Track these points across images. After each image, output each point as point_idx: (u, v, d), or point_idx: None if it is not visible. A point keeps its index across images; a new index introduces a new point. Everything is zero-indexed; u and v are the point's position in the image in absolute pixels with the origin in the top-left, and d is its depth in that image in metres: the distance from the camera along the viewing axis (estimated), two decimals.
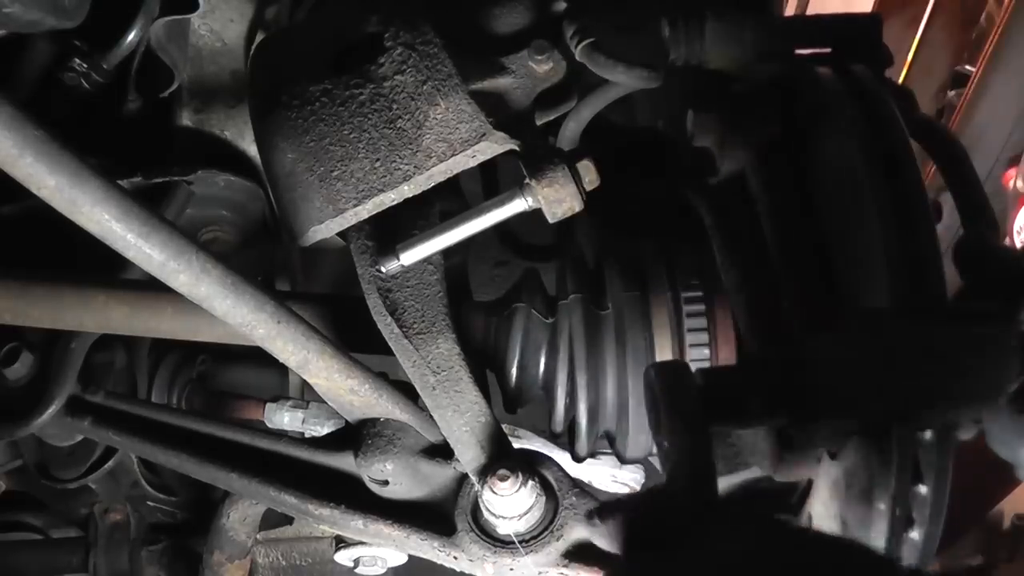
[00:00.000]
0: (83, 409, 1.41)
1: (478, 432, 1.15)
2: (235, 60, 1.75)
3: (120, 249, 0.84)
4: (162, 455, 1.35)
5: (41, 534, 1.81)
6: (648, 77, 1.13)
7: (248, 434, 1.32)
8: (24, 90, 1.53)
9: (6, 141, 0.73)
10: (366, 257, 1.20)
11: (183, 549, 1.75)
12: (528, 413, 1.40)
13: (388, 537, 1.21)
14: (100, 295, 1.27)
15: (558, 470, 1.18)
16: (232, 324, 0.96)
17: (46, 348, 1.42)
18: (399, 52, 1.15)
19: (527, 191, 1.10)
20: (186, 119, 1.78)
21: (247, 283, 0.94)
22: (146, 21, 1.52)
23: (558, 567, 1.14)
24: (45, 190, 0.77)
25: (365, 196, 1.13)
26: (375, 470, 1.20)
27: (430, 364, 1.16)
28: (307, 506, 1.24)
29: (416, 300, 1.19)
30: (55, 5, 1.11)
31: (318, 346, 1.04)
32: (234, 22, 1.72)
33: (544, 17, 1.22)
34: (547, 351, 1.25)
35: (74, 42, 1.53)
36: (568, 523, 1.14)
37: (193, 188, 1.66)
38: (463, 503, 1.19)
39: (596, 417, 1.24)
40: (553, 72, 1.18)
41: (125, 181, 1.55)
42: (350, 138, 1.14)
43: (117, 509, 1.74)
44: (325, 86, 1.17)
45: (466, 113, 1.12)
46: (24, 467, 1.64)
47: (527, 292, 1.28)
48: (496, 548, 1.14)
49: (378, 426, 1.21)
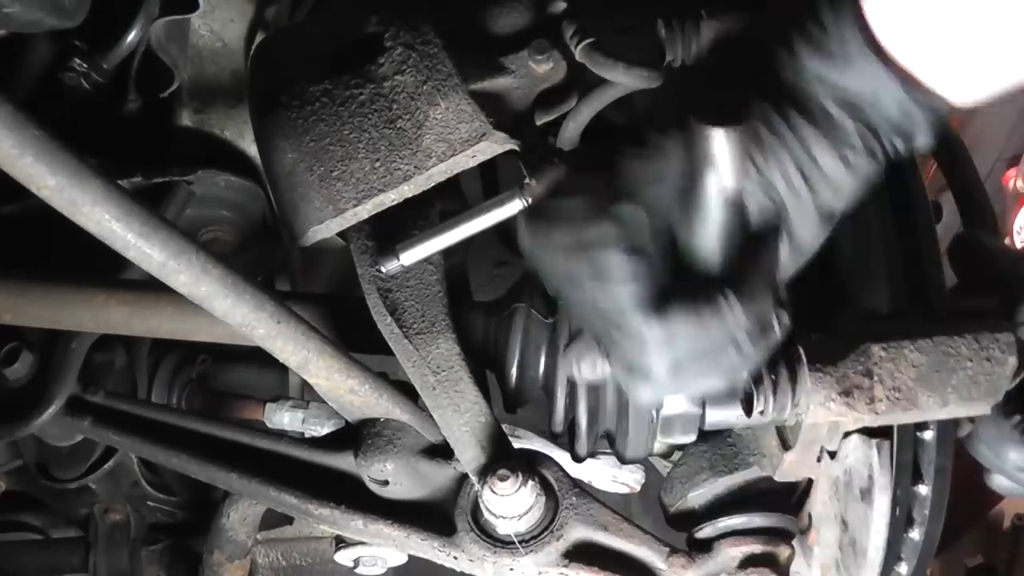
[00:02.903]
0: (83, 409, 1.41)
1: (478, 432, 1.15)
2: (235, 60, 1.75)
3: (120, 249, 0.84)
4: (162, 455, 1.35)
5: (41, 534, 1.81)
6: (648, 77, 1.14)
7: (248, 434, 1.32)
8: (24, 90, 1.53)
9: (6, 141, 0.73)
10: (366, 257, 1.20)
11: (183, 549, 1.75)
12: (528, 413, 1.40)
13: (388, 537, 1.21)
14: (100, 295, 1.27)
15: (558, 470, 1.18)
16: (232, 324, 0.96)
17: (46, 348, 1.42)
18: (399, 52, 1.15)
19: (527, 191, 1.10)
20: (186, 119, 1.78)
21: (247, 283, 0.94)
22: (146, 21, 1.52)
23: (558, 567, 1.14)
24: (45, 190, 0.77)
25: (365, 196, 1.13)
26: (375, 470, 1.20)
27: (430, 364, 1.16)
28: (307, 506, 1.24)
29: (416, 300, 1.19)
30: (55, 5, 1.11)
31: (318, 346, 1.04)
32: (234, 22, 1.72)
33: (544, 17, 1.22)
34: (547, 351, 1.24)
35: (74, 42, 1.53)
36: (568, 523, 1.14)
37: (193, 188, 1.66)
38: (463, 503, 1.18)
39: (596, 417, 1.24)
40: (553, 72, 1.18)
41: (125, 181, 1.55)
42: (350, 138, 1.14)
43: (117, 509, 1.74)
44: (325, 86, 1.17)
45: (466, 113, 1.12)
46: (24, 467, 1.64)
47: (527, 292, 1.28)
48: (496, 548, 1.14)
49: (378, 426, 1.21)
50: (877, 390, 0.88)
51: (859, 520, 1.01)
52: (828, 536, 1.10)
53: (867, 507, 0.98)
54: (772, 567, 1.12)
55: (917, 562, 1.01)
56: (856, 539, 1.02)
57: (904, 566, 1.01)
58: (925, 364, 0.88)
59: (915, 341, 0.88)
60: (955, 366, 0.88)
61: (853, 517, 1.02)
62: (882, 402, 0.88)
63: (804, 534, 1.16)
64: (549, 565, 1.14)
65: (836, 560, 1.08)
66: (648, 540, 1.14)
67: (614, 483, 1.77)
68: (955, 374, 0.88)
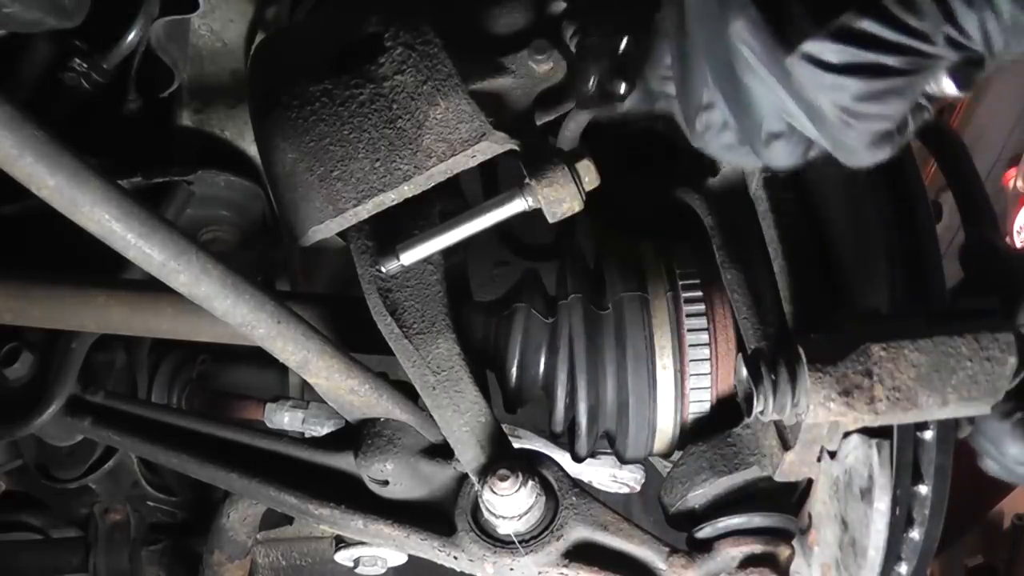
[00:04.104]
0: (83, 409, 1.41)
1: (478, 432, 1.15)
2: (235, 60, 1.75)
3: (120, 249, 0.84)
4: (162, 455, 1.35)
5: (41, 534, 1.81)
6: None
7: (248, 434, 1.32)
8: (24, 90, 1.53)
9: (6, 141, 0.73)
10: (366, 257, 1.20)
11: (183, 549, 1.75)
12: (528, 413, 1.40)
13: (388, 537, 1.21)
14: (100, 295, 1.27)
15: (558, 470, 1.18)
16: (232, 324, 0.96)
17: (46, 348, 1.42)
18: (399, 52, 1.15)
19: (527, 191, 1.10)
20: (186, 119, 1.78)
21: (247, 283, 0.94)
22: (146, 21, 1.52)
23: (558, 567, 1.14)
24: (45, 190, 0.77)
25: (365, 196, 1.13)
26: (375, 470, 1.20)
27: (430, 364, 1.16)
28: (307, 506, 1.24)
29: (416, 300, 1.19)
30: (55, 5, 1.11)
31: (318, 346, 1.04)
32: (234, 22, 1.72)
33: (544, 17, 1.22)
34: (547, 351, 1.24)
35: (74, 42, 1.53)
36: (568, 523, 1.14)
37: (193, 188, 1.66)
38: (463, 503, 1.19)
39: (596, 417, 1.24)
40: (553, 72, 1.18)
41: (125, 181, 1.55)
42: (350, 138, 1.14)
43: (117, 509, 1.74)
44: (325, 86, 1.17)
45: (466, 113, 1.12)
46: (24, 467, 1.64)
47: (527, 292, 1.28)
48: (496, 548, 1.14)
49: (378, 426, 1.21)
50: (877, 390, 0.88)
51: (859, 520, 1.01)
52: (828, 536, 1.10)
53: (867, 507, 0.98)
54: (772, 567, 1.12)
55: (917, 562, 1.01)
56: (856, 539, 1.02)
57: (904, 566, 1.01)
58: (925, 364, 0.88)
59: (915, 341, 0.88)
60: (955, 366, 0.88)
61: (853, 517, 1.02)
62: (882, 402, 0.88)
63: (804, 534, 1.16)
64: (549, 565, 1.14)
65: (836, 560, 1.08)
66: (648, 540, 1.14)
67: (614, 483, 1.77)
68: (955, 374, 0.88)
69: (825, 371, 0.89)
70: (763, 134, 0.74)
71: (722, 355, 1.20)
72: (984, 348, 0.88)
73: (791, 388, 0.91)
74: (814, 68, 0.65)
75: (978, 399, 0.89)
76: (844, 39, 0.63)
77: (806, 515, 1.15)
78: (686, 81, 0.78)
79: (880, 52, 0.64)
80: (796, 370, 0.90)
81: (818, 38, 0.64)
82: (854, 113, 0.66)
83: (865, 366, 0.88)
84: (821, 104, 0.66)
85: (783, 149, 0.74)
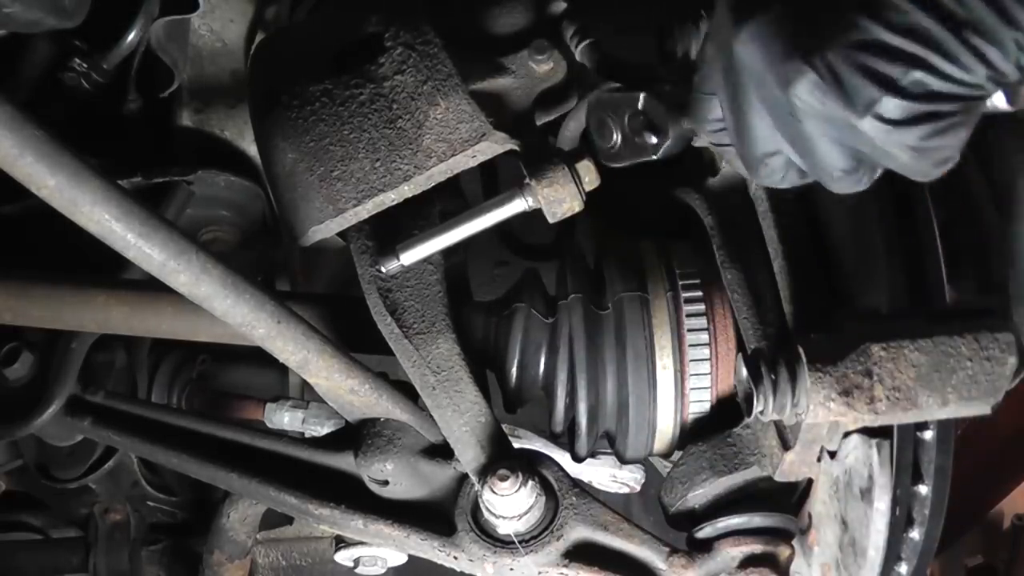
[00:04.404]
0: (83, 409, 1.41)
1: (478, 432, 1.15)
2: (235, 60, 1.75)
3: (120, 249, 0.84)
4: (162, 455, 1.35)
5: (41, 534, 1.81)
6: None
7: (248, 434, 1.32)
8: (24, 90, 1.53)
9: (6, 141, 0.73)
10: (366, 257, 1.20)
11: (183, 549, 1.75)
12: (528, 413, 1.40)
13: (388, 537, 1.21)
14: (100, 295, 1.27)
15: (558, 470, 1.18)
16: (232, 324, 0.96)
17: (46, 348, 1.42)
18: (399, 52, 1.15)
19: (527, 191, 1.10)
20: (186, 119, 1.78)
21: (247, 283, 0.94)
22: (146, 21, 1.52)
23: (558, 567, 1.14)
24: (45, 190, 0.77)
25: (365, 196, 1.13)
26: (375, 470, 1.20)
27: (430, 364, 1.16)
28: (307, 506, 1.24)
29: (416, 300, 1.19)
30: (55, 5, 1.11)
31: (318, 346, 1.04)
32: (234, 22, 1.72)
33: (544, 17, 1.22)
34: (547, 351, 1.24)
35: (74, 42, 1.53)
36: (568, 523, 1.14)
37: (193, 188, 1.66)
38: (463, 503, 1.19)
39: (596, 417, 1.24)
40: (553, 72, 1.18)
41: (125, 181, 1.55)
42: (350, 138, 1.14)
43: (117, 509, 1.74)
44: (325, 86, 1.17)
45: (466, 113, 1.12)
46: (24, 467, 1.64)
47: (527, 292, 1.28)
48: (496, 548, 1.14)
49: (378, 426, 1.21)
50: (877, 390, 0.88)
51: (859, 520, 1.01)
52: (828, 536, 1.10)
53: (867, 507, 0.98)
54: (772, 567, 1.12)
55: (917, 562, 1.01)
56: (856, 539, 1.02)
57: (904, 566, 1.01)
58: (925, 364, 0.88)
59: (915, 341, 0.88)
60: (955, 366, 0.88)
61: (853, 517, 1.02)
62: (882, 402, 0.88)
63: (804, 534, 1.16)
64: (549, 565, 1.14)
65: (836, 560, 1.08)
66: (648, 540, 1.14)
67: (614, 483, 1.77)
68: (955, 374, 0.88)
69: (825, 371, 0.89)
70: (833, 172, 0.79)
71: (722, 355, 1.20)
72: (984, 348, 0.88)
73: (791, 388, 0.91)
74: (884, 125, 0.71)
75: (978, 399, 0.89)
76: (906, 97, 0.70)
77: (806, 515, 1.16)
78: (747, 133, 0.83)
79: (938, 103, 0.70)
80: (796, 370, 0.90)
81: (884, 100, 0.70)
82: (922, 150, 0.72)
83: (865, 366, 0.88)
84: (891, 149, 0.73)
85: (850, 180, 0.80)
